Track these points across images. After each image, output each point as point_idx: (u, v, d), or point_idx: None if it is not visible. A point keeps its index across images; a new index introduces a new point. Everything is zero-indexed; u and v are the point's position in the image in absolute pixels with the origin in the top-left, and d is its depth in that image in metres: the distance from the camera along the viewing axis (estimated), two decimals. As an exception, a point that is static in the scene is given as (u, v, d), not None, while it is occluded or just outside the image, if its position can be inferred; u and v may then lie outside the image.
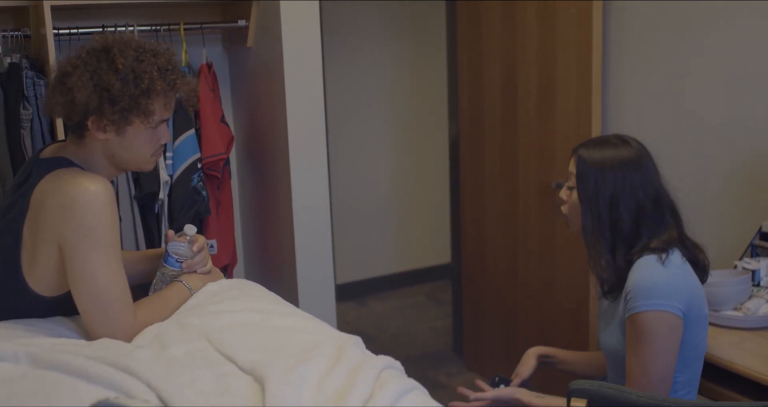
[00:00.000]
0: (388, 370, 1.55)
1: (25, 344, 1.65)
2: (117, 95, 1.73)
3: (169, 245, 1.98)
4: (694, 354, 2.00)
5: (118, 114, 1.74)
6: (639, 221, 1.96)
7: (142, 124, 1.78)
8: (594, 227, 1.98)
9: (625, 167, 1.96)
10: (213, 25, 3.25)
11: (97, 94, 1.73)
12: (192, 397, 1.43)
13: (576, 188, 2.01)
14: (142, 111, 1.76)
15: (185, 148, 3.02)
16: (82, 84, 1.73)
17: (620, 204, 1.95)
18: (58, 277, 1.77)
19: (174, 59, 1.84)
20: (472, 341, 3.87)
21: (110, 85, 1.73)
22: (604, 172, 1.96)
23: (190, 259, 1.98)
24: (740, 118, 2.67)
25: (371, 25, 4.88)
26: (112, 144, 1.80)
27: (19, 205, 1.77)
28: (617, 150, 1.98)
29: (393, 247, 5.18)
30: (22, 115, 2.71)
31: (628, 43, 3.00)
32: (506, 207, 3.49)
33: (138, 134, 1.80)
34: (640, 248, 1.96)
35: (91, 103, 1.73)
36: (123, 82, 1.73)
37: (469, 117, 3.67)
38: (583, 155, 2.00)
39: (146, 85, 1.75)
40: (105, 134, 1.78)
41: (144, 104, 1.75)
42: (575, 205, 2.02)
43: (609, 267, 1.99)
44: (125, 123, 1.76)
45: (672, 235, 1.98)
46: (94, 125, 1.77)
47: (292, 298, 3.14)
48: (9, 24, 2.94)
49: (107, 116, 1.74)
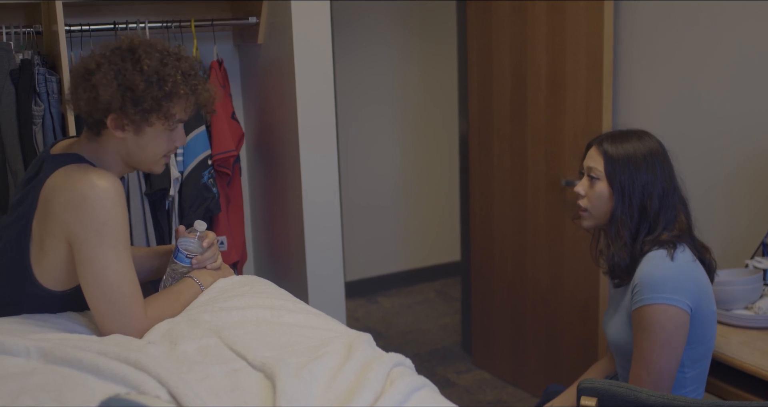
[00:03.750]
0: (399, 367, 1.55)
1: (36, 339, 1.66)
2: (140, 96, 1.74)
3: (179, 242, 1.98)
4: (702, 350, 2.00)
5: (140, 115, 1.75)
6: (660, 211, 1.99)
7: (161, 126, 1.80)
8: (623, 216, 2.00)
9: (654, 157, 2.00)
10: (224, 22, 3.25)
11: (121, 94, 1.74)
12: (203, 393, 1.44)
13: (601, 180, 2.03)
14: (163, 114, 1.77)
15: (196, 145, 3.03)
16: (107, 82, 1.74)
17: (652, 193, 1.99)
18: (66, 271, 1.78)
19: (196, 65, 1.86)
20: (481, 338, 3.87)
21: (135, 86, 1.74)
22: (636, 162, 1.99)
23: (200, 255, 1.98)
24: (752, 114, 2.66)
25: (381, 23, 4.88)
26: (129, 143, 1.82)
27: (29, 200, 1.78)
28: (642, 141, 2.02)
29: (402, 244, 5.18)
30: (33, 111, 2.72)
31: (638, 39, 2.99)
32: (515, 204, 3.49)
33: (156, 135, 1.81)
34: (652, 239, 1.98)
35: (114, 101, 1.74)
36: (147, 84, 1.75)
37: (478, 114, 3.67)
38: (610, 146, 2.02)
39: (169, 89, 1.76)
40: (123, 133, 1.80)
41: (166, 107, 1.77)
42: (600, 196, 2.03)
43: (627, 255, 2.01)
44: (145, 124, 1.78)
45: (682, 228, 2.01)
46: (114, 123, 1.78)
47: (302, 295, 3.15)
48: (21, 20, 2.95)
49: (129, 116, 1.75)
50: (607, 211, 2.04)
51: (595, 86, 3.02)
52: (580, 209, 2.10)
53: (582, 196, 2.08)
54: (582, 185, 2.08)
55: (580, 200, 2.09)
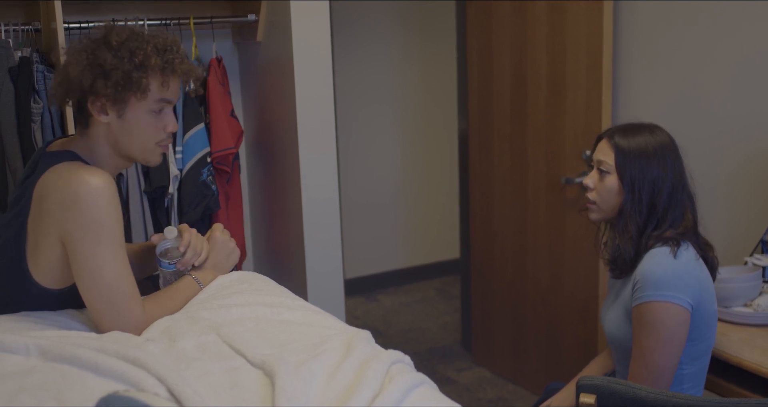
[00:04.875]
0: (398, 365, 1.55)
1: (35, 336, 1.66)
2: (109, 70, 1.73)
3: (157, 251, 1.96)
4: (701, 347, 1.99)
5: (112, 89, 1.74)
6: (668, 207, 1.99)
7: (138, 102, 1.78)
8: (632, 210, 2.00)
9: (666, 151, 2.00)
10: (223, 20, 3.25)
11: (90, 70, 1.74)
12: (201, 390, 1.43)
13: (611, 173, 2.02)
14: (136, 86, 1.75)
15: (195, 142, 3.03)
16: (77, 62, 1.76)
17: (662, 188, 1.98)
18: (61, 269, 1.77)
19: (176, 43, 1.84)
20: (481, 336, 3.87)
21: (103, 60, 1.74)
22: (647, 156, 1.98)
23: (180, 258, 1.96)
24: (751, 113, 2.66)
25: (380, 23, 4.88)
26: (115, 129, 1.80)
27: (25, 198, 1.78)
28: (653, 135, 2.01)
29: (402, 242, 5.18)
30: (32, 108, 2.71)
31: (638, 38, 2.99)
32: (515, 202, 3.49)
33: (138, 116, 1.79)
34: (658, 234, 1.98)
35: (84, 79, 1.74)
36: (116, 58, 1.74)
37: (478, 112, 3.66)
38: (622, 140, 2.01)
39: (140, 60, 1.75)
40: (107, 117, 1.79)
41: (137, 78, 1.75)
42: (609, 190, 2.03)
43: (632, 248, 2.00)
44: (121, 100, 1.76)
45: (688, 226, 2.00)
46: (94, 105, 1.77)
47: (301, 292, 3.14)
48: (20, 18, 2.95)
49: (103, 93, 1.74)
50: (616, 205, 2.03)
51: (595, 86, 3.02)
52: (588, 202, 2.09)
53: (591, 189, 2.08)
54: (591, 177, 2.08)
55: (588, 193, 2.09)
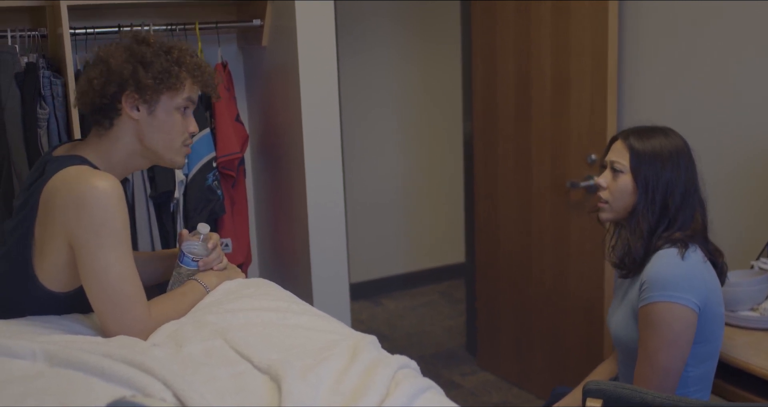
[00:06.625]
0: (404, 370, 1.55)
1: (41, 341, 1.66)
2: (150, 61, 1.82)
3: (183, 245, 1.99)
4: (707, 350, 1.99)
5: (152, 79, 1.81)
6: (680, 209, 2.00)
7: (169, 99, 1.84)
8: (645, 211, 2.01)
9: (680, 154, 2.01)
10: (228, 25, 3.25)
11: (132, 63, 1.82)
12: (208, 395, 1.44)
13: (625, 173, 2.03)
14: (174, 78, 1.83)
15: (200, 147, 3.03)
16: (118, 54, 1.83)
17: (675, 191, 1.99)
18: (68, 273, 1.78)
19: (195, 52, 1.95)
20: (486, 340, 3.86)
21: (142, 54, 1.83)
22: (662, 158, 2.00)
23: (206, 257, 1.99)
24: (758, 114, 2.66)
25: (383, 25, 4.88)
26: (144, 126, 1.84)
27: (31, 203, 1.79)
28: (668, 138, 2.03)
29: (407, 246, 5.18)
30: (38, 114, 2.72)
31: (643, 39, 2.98)
32: (520, 205, 3.49)
33: (168, 113, 1.85)
34: (668, 235, 1.98)
35: (125, 69, 1.81)
36: (154, 54, 1.84)
37: (483, 115, 3.66)
38: (637, 141, 2.03)
39: (176, 57, 1.85)
40: (138, 113, 1.83)
41: (176, 72, 1.83)
42: (623, 190, 2.04)
43: (641, 248, 2.01)
44: (157, 94, 1.83)
45: (697, 228, 2.01)
46: (128, 100, 1.82)
47: (307, 297, 3.14)
48: (26, 24, 2.96)
49: (142, 81, 1.80)
50: (628, 205, 2.04)
51: (599, 87, 3.01)
52: (600, 201, 2.10)
53: (603, 188, 2.08)
54: (605, 177, 2.09)
55: (601, 192, 2.10)
